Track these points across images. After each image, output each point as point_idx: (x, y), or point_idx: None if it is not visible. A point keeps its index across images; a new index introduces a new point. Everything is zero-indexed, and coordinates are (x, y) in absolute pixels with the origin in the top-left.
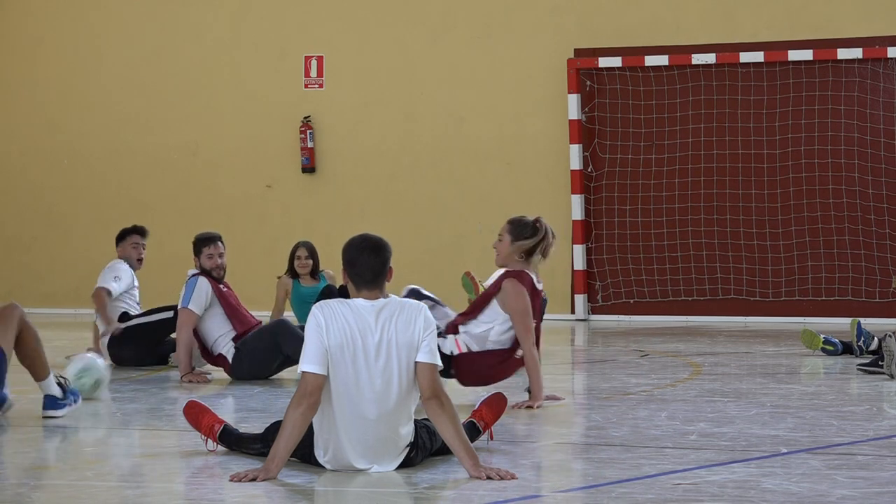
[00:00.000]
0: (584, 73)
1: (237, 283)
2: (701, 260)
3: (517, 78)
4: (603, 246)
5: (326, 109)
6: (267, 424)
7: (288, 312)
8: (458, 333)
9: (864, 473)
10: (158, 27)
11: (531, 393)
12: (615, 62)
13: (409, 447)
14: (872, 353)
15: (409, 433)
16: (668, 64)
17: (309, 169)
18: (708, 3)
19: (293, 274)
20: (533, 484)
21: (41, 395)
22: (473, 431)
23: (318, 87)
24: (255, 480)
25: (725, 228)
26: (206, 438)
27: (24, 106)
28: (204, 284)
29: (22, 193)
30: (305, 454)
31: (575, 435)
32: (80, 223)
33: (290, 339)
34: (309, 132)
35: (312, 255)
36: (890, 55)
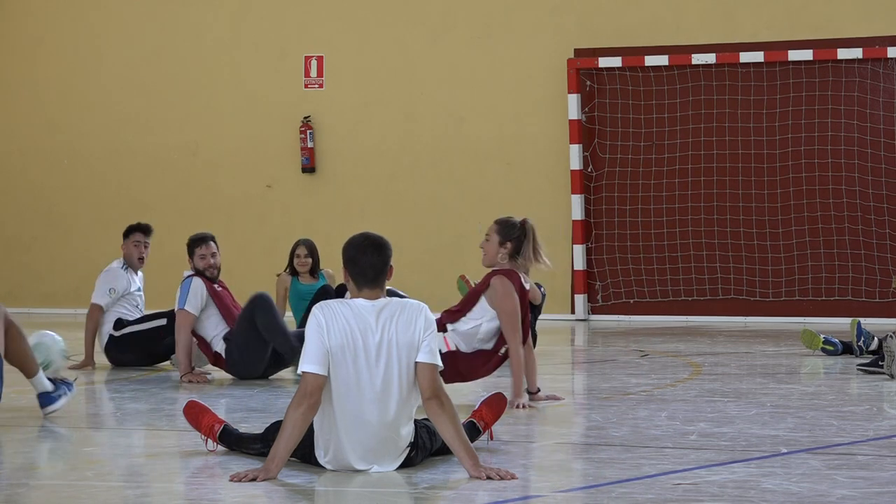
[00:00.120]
0: (584, 73)
1: (237, 282)
2: (701, 260)
3: (517, 78)
4: (603, 246)
5: (326, 109)
6: (267, 424)
7: (288, 312)
8: (445, 332)
9: (864, 473)
10: (158, 27)
11: (528, 392)
12: (615, 62)
13: (409, 447)
14: (872, 353)
15: (409, 433)
16: (668, 64)
17: (309, 169)
18: (708, 3)
19: (292, 271)
20: (533, 484)
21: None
22: (473, 431)
23: (318, 87)
24: (255, 480)
25: (725, 228)
26: (206, 438)
27: (24, 106)
28: (198, 285)
29: (22, 193)
30: (305, 454)
31: (575, 435)
32: (80, 223)
33: (259, 312)
34: (309, 132)
35: (312, 253)
36: (890, 55)
